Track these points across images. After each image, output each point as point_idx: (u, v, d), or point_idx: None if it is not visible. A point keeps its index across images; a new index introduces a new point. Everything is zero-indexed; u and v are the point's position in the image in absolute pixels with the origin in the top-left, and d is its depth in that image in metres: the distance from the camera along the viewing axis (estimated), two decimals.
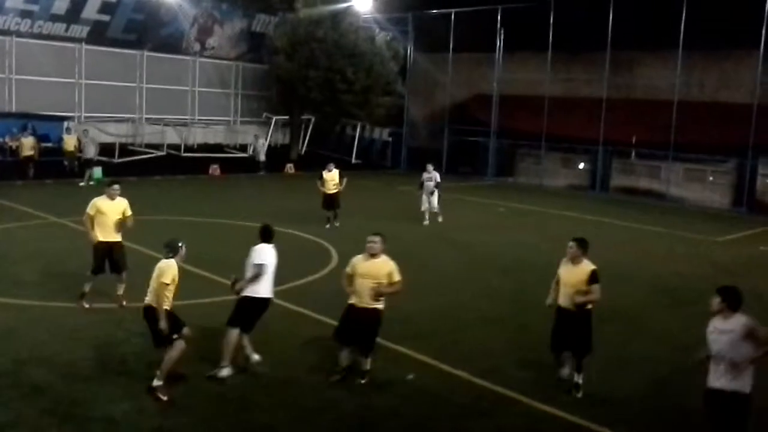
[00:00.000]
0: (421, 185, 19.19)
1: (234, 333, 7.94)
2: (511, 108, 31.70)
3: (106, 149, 27.30)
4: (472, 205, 24.15)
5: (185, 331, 7.62)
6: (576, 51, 29.77)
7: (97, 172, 25.19)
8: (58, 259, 12.95)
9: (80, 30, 28.82)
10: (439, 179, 19.21)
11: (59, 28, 28.22)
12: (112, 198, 10.31)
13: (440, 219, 19.28)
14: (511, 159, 33.34)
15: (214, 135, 34.29)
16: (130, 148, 30.17)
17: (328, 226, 17.67)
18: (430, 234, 17.87)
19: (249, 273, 7.96)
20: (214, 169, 28.23)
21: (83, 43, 29.30)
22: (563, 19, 29.18)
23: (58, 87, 28.92)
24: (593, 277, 7.78)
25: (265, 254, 8.03)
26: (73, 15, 28.13)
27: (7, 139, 25.40)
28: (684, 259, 16.36)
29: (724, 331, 5.98)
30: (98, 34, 29.37)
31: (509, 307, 11.57)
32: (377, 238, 8.00)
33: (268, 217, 9.86)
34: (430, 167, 19.27)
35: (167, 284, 7.43)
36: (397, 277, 7.94)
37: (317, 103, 32.24)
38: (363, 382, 7.99)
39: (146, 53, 31.43)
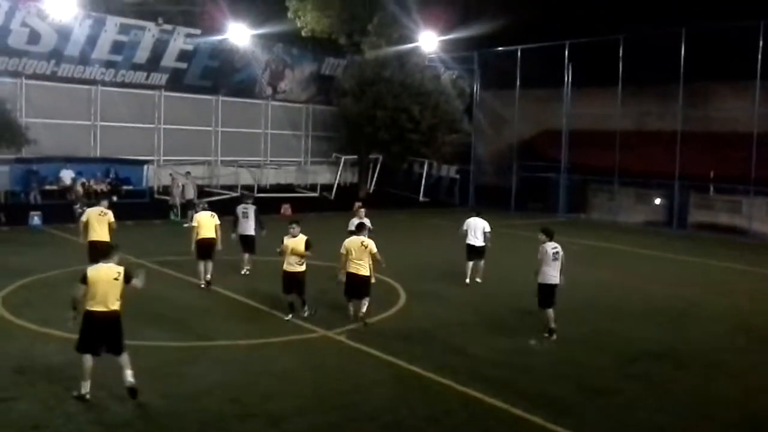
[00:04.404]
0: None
1: None
2: (580, 143, 31.15)
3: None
4: None
5: None
6: (647, 83, 29.09)
7: (173, 213, 26.13)
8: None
9: (159, 78, 30.29)
10: (370, 225, 14.07)
11: (140, 76, 29.74)
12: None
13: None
14: (582, 195, 32.65)
15: (286, 176, 35.09)
16: (207, 189, 31.15)
17: (289, 317, 11.78)
18: (489, 271, 17.54)
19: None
20: (286, 209, 28.78)
21: (162, 90, 30.75)
22: (633, 52, 28.66)
23: (139, 132, 30.31)
24: None
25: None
26: (153, 64, 29.63)
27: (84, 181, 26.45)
28: None
29: None
30: (176, 81, 30.81)
31: (579, 350, 11.21)
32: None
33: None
34: (362, 212, 14.18)
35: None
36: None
37: (384, 143, 32.57)
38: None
39: (221, 98, 32.69)
